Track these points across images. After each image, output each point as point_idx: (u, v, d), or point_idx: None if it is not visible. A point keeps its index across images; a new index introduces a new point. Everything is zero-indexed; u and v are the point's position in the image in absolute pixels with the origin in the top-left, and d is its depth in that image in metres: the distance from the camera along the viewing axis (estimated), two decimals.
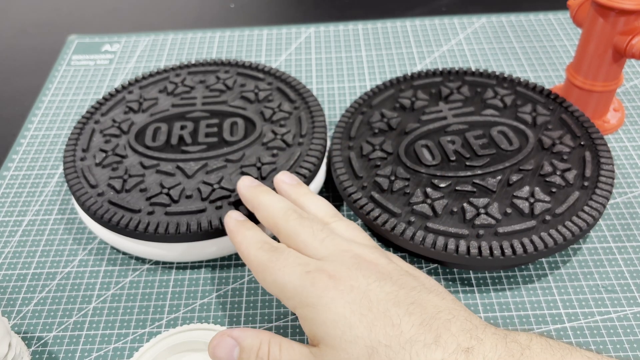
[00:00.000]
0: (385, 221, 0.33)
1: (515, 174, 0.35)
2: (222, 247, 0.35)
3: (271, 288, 0.27)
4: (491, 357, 0.22)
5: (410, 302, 0.24)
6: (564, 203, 0.33)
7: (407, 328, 0.23)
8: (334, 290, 0.25)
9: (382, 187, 0.35)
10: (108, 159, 0.37)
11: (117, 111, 0.42)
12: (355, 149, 0.38)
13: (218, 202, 0.34)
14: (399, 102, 0.41)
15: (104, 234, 0.35)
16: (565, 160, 0.36)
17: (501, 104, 0.40)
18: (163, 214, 0.34)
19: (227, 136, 0.39)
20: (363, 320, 0.24)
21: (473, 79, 0.42)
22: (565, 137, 0.37)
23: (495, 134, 0.38)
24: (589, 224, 0.32)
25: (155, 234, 0.33)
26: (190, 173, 0.36)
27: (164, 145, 0.38)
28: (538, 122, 0.38)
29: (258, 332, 0.27)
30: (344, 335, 0.24)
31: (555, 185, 0.34)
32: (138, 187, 0.35)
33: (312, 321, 0.25)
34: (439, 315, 0.24)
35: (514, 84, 0.42)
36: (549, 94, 0.41)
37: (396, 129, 0.39)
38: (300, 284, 0.26)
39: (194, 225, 0.33)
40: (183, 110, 0.41)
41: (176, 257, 0.35)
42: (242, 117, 0.40)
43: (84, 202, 0.35)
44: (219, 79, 0.44)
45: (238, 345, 0.26)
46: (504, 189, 0.34)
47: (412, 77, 0.43)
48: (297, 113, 0.41)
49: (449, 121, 0.39)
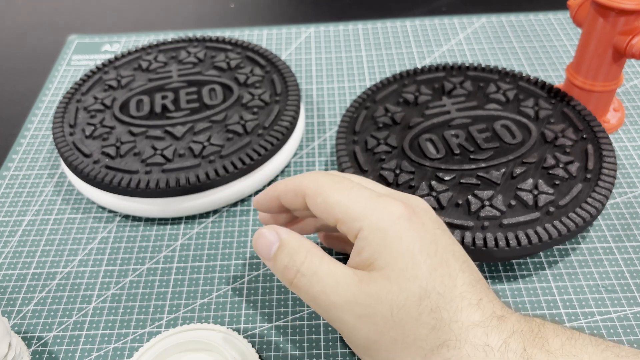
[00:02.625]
0: None
1: (519, 167, 0.35)
2: (218, 198, 0.37)
3: (333, 210, 0.26)
4: (517, 328, 0.24)
5: (463, 261, 0.25)
6: (567, 195, 0.34)
7: (460, 283, 0.24)
8: (408, 221, 0.24)
9: (387, 181, 0.35)
10: (97, 131, 0.40)
11: (96, 90, 0.44)
12: (360, 143, 0.38)
13: (211, 157, 0.37)
14: (403, 97, 0.41)
15: (104, 198, 0.37)
16: (567, 153, 0.36)
17: (504, 98, 0.41)
18: (160, 172, 0.36)
19: (207, 101, 0.41)
20: (427, 261, 0.24)
21: (476, 73, 0.43)
22: (567, 130, 0.38)
23: (499, 127, 0.38)
24: (592, 215, 0.33)
25: (156, 190, 0.35)
26: (179, 135, 0.39)
27: (149, 115, 0.41)
28: (540, 116, 0.39)
29: (302, 238, 0.26)
30: (404, 271, 0.24)
31: (559, 177, 0.35)
32: (132, 152, 0.38)
33: (377, 246, 0.24)
34: (481, 281, 0.25)
35: (516, 78, 0.42)
36: (550, 88, 0.41)
37: (400, 124, 0.39)
38: (372, 206, 0.25)
39: (192, 178, 0.36)
40: (161, 83, 0.44)
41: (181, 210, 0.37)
42: (218, 84, 0.43)
43: (82, 169, 0.37)
44: (189, 53, 0.46)
45: (279, 240, 0.26)
46: (508, 181, 0.35)
47: (415, 73, 0.44)
48: (269, 76, 0.44)
49: (452, 115, 0.39)
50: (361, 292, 0.24)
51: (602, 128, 0.38)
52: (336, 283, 0.24)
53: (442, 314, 0.23)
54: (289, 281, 0.25)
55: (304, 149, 0.43)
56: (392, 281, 0.23)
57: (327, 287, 0.24)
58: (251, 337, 0.32)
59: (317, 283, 0.24)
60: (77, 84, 0.44)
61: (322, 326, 0.32)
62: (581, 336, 0.24)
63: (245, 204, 0.39)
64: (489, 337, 0.23)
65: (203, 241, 0.37)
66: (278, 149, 0.39)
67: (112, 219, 0.39)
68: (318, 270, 0.24)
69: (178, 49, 0.47)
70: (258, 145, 0.38)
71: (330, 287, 0.24)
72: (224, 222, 0.38)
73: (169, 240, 0.37)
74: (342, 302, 0.24)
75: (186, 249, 0.37)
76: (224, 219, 0.38)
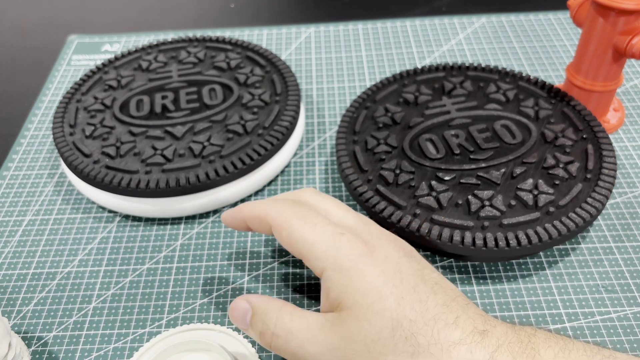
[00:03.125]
0: (391, 214, 0.33)
1: (519, 167, 0.36)
2: (218, 198, 0.37)
3: (297, 245, 0.26)
4: (503, 341, 0.23)
5: (434, 283, 0.25)
6: (567, 195, 0.34)
7: (432, 306, 0.24)
8: (369, 258, 0.25)
9: (387, 181, 0.35)
10: (97, 131, 0.40)
11: (96, 90, 0.44)
12: (360, 143, 0.38)
13: (211, 157, 0.37)
14: (403, 96, 0.41)
15: (104, 198, 0.37)
16: (567, 153, 0.36)
17: (504, 98, 0.41)
18: (160, 172, 0.36)
19: (207, 101, 0.41)
20: (394, 292, 0.24)
21: (475, 73, 0.43)
22: (567, 130, 0.38)
23: (499, 127, 0.38)
24: (592, 215, 0.33)
25: (156, 190, 0.35)
26: (179, 135, 0.39)
27: (149, 114, 0.41)
28: (540, 116, 0.39)
29: (271, 299, 0.26)
30: (372, 306, 0.24)
31: (559, 177, 0.35)
32: (131, 152, 0.38)
33: (341, 286, 0.24)
34: (457, 299, 0.25)
35: (516, 78, 0.42)
36: (550, 88, 0.41)
37: (400, 124, 0.39)
38: (333, 245, 0.25)
39: (192, 178, 0.36)
40: (161, 83, 0.43)
41: (181, 210, 0.37)
42: (218, 84, 0.43)
43: (82, 169, 0.37)
44: (189, 53, 0.46)
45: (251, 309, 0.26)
46: (508, 181, 0.35)
47: (415, 73, 0.44)
48: (269, 76, 0.44)
49: (452, 115, 0.39)
50: (335, 336, 0.24)
51: (602, 128, 0.38)
52: (311, 335, 0.25)
53: (418, 340, 0.23)
54: (267, 345, 0.26)
55: (304, 149, 0.43)
56: (362, 318, 0.24)
57: (303, 340, 0.25)
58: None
59: (293, 340, 0.25)
60: (77, 84, 0.44)
61: None
62: (575, 346, 0.24)
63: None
64: (473, 354, 0.23)
65: (203, 241, 0.37)
66: (278, 149, 0.39)
67: (112, 219, 0.39)
68: (291, 328, 0.25)
69: (178, 49, 0.47)
70: (258, 145, 0.38)
71: (307, 340, 0.25)
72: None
73: (169, 240, 0.37)
74: (321, 350, 0.24)
75: (186, 249, 0.37)
76: None
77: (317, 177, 0.41)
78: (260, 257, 0.36)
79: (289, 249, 0.27)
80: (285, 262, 0.36)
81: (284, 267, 0.35)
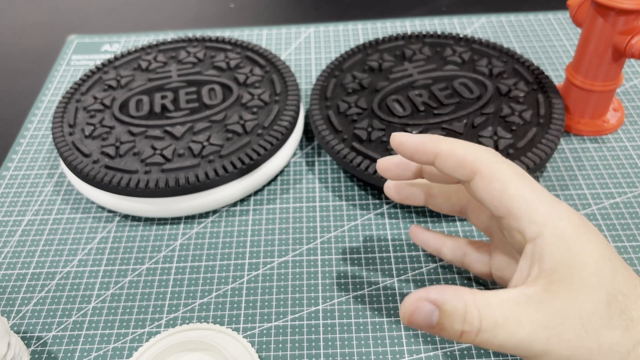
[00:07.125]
0: (367, 166, 0.37)
1: (479, 117, 0.39)
2: (217, 198, 0.37)
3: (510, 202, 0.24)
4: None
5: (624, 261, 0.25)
6: (524, 138, 0.38)
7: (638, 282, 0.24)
8: (587, 227, 0.24)
9: (361, 138, 0.39)
10: (97, 131, 0.40)
11: (96, 90, 0.44)
12: (333, 108, 0.41)
13: (210, 157, 0.37)
14: (368, 64, 0.45)
15: (104, 198, 0.37)
16: (521, 102, 0.40)
17: (460, 60, 0.44)
18: (159, 171, 0.36)
19: (207, 101, 0.41)
20: (609, 266, 0.23)
21: (432, 40, 0.47)
22: (519, 83, 0.42)
23: (458, 85, 0.42)
24: (547, 154, 0.37)
25: (156, 189, 0.35)
26: (178, 135, 0.39)
27: (148, 114, 0.41)
28: (494, 73, 0.43)
29: (456, 290, 0.23)
30: (589, 278, 0.23)
31: (515, 124, 0.39)
32: (131, 151, 0.38)
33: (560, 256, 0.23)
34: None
35: (469, 42, 0.46)
36: (501, 48, 0.45)
37: (368, 88, 0.43)
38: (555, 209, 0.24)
39: (192, 177, 0.36)
40: (161, 82, 0.43)
41: (180, 210, 0.37)
42: (218, 84, 0.43)
43: (82, 169, 0.37)
44: (189, 53, 0.46)
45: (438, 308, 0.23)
46: (470, 130, 0.39)
47: (377, 43, 0.47)
48: (268, 76, 0.44)
49: (414, 78, 0.43)
50: (544, 314, 0.22)
51: (550, 80, 0.42)
52: (518, 320, 0.22)
53: (631, 314, 0.23)
54: (468, 342, 0.23)
55: (304, 149, 0.43)
56: (577, 291, 0.22)
57: (512, 328, 0.22)
58: (250, 337, 0.32)
59: (501, 332, 0.22)
60: (77, 83, 0.44)
61: (322, 326, 0.32)
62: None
63: (244, 204, 0.39)
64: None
65: (202, 241, 0.37)
66: (277, 148, 0.39)
67: (112, 218, 0.39)
68: (497, 320, 0.22)
69: (178, 48, 0.47)
70: (257, 145, 0.38)
71: (515, 327, 0.22)
72: (223, 222, 0.38)
73: (169, 240, 0.37)
74: (528, 333, 0.22)
75: (185, 248, 0.37)
76: (223, 219, 0.38)
77: (317, 177, 0.41)
78: (259, 257, 0.36)
79: (493, 203, 0.24)
80: (285, 261, 0.36)
81: (284, 267, 0.35)
